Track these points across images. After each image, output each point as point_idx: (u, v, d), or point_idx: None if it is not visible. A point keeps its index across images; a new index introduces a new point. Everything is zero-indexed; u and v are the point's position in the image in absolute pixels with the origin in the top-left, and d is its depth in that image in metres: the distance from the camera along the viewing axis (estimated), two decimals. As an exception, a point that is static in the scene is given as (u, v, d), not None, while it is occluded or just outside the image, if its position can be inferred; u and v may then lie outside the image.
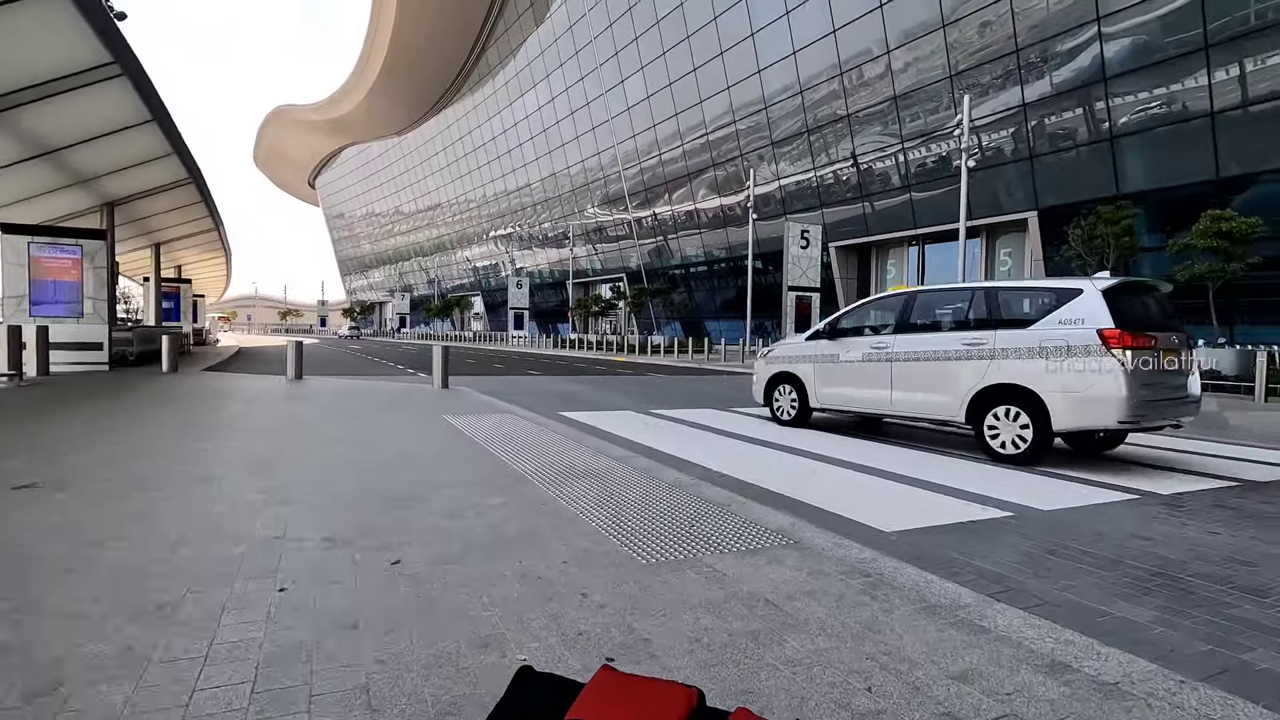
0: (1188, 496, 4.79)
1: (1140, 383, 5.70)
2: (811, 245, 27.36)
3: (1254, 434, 8.37)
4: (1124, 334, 5.70)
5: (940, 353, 6.77)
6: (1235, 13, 19.24)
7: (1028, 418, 6.04)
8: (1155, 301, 6.47)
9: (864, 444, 6.97)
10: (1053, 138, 24.64)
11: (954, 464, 6.02)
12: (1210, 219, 15.15)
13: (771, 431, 7.74)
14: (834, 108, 32.06)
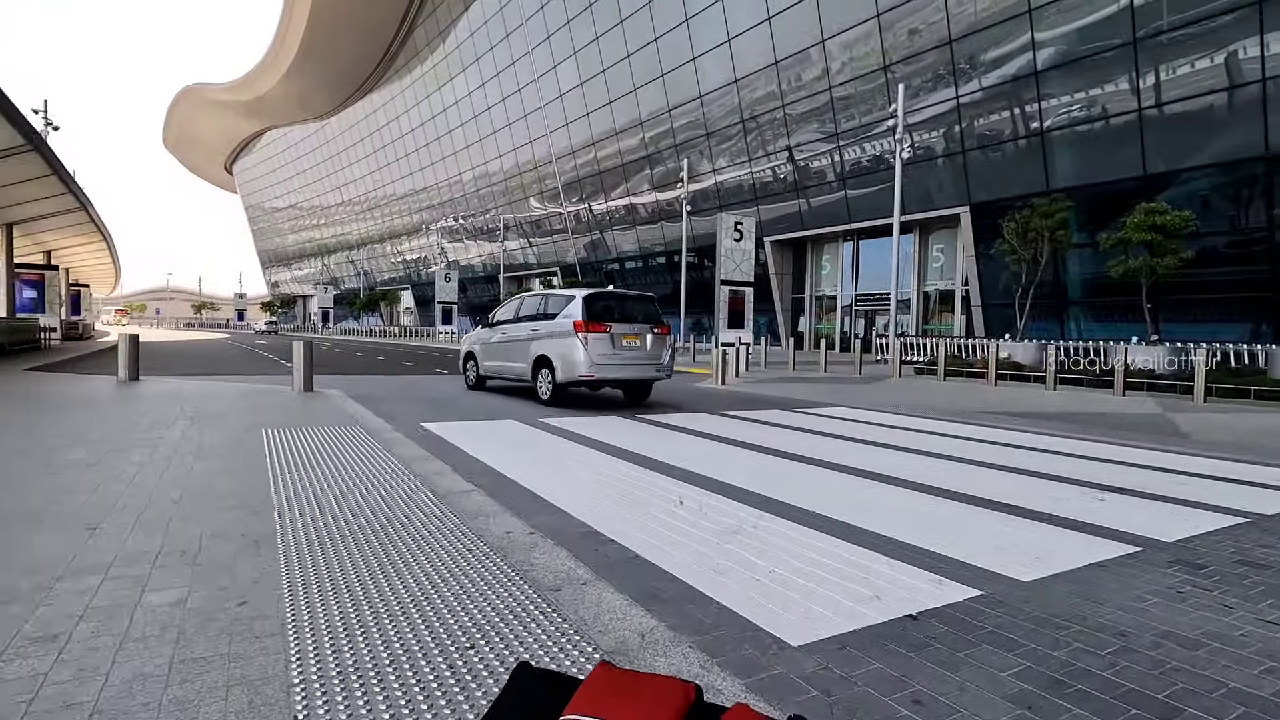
0: (1201, 543, 3.65)
1: (596, 353, 9.01)
2: (745, 238, 26.34)
3: (1221, 443, 7.51)
4: (584, 323, 9.02)
5: (523, 336, 10.16)
6: (1159, 19, 19.14)
7: (551, 375, 9.39)
8: (626, 303, 9.79)
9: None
10: (984, 135, 24.33)
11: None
12: (1144, 213, 14.73)
13: (687, 451, 6.38)
14: (770, 101, 31.22)
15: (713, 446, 6.46)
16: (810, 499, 4.36)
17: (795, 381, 15.27)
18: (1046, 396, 12.82)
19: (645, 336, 9.47)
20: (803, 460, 5.81)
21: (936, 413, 9.85)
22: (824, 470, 5.40)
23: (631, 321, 9.43)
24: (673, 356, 10.12)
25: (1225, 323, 19.81)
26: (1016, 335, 18.39)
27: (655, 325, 9.71)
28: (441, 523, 3.43)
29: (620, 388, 10.16)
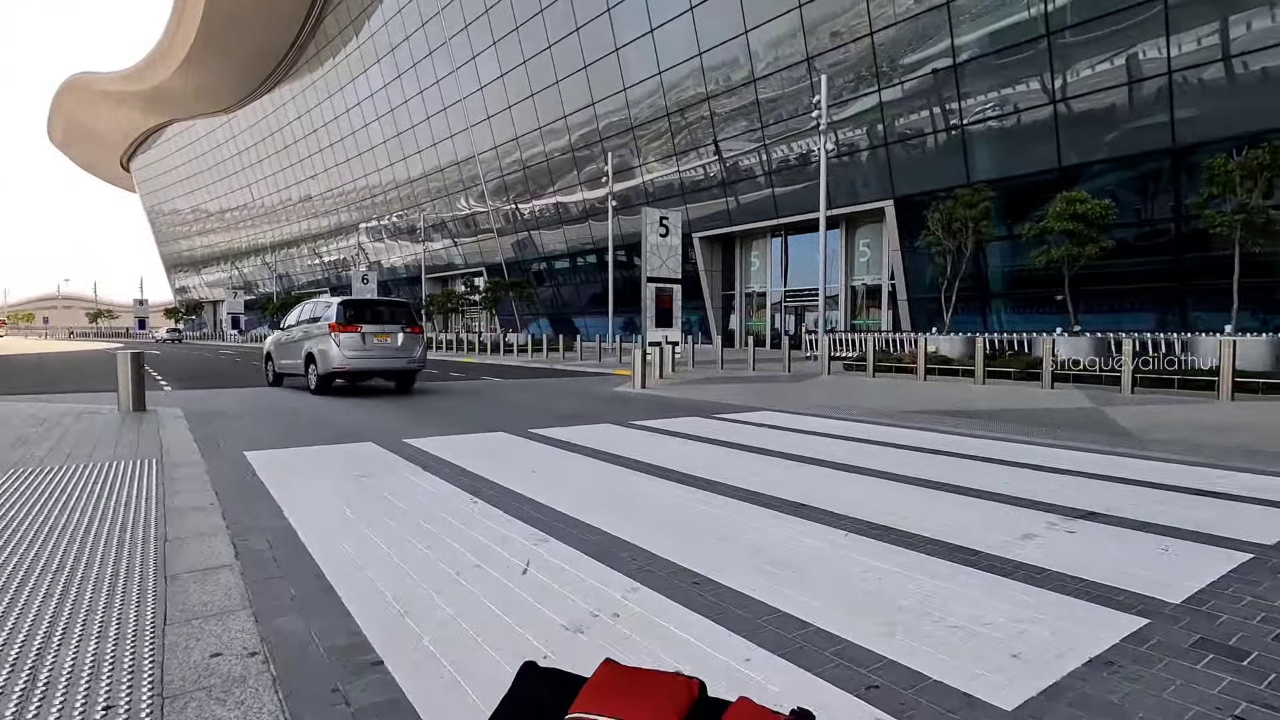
0: (1216, 601, 2.71)
1: (347, 350, 10.57)
2: (671, 234, 25.42)
3: (1169, 442, 6.87)
4: (338, 325, 10.59)
5: (298, 337, 11.73)
6: (1070, 19, 19.23)
7: (316, 369, 10.98)
8: (378, 307, 11.69)
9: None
10: (907, 130, 24.14)
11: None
12: (1065, 201, 14.49)
13: (569, 478, 5.21)
14: (695, 96, 30.43)
15: (603, 471, 5.31)
16: (710, 552, 3.26)
17: (721, 382, 14.36)
18: (976, 391, 12.29)
19: (397, 335, 11.21)
20: (710, 488, 4.72)
21: (866, 414, 9.03)
22: (736, 503, 4.33)
23: (383, 323, 11.12)
24: (424, 351, 11.87)
25: (1135, 312, 20.13)
26: (943, 328, 18.08)
27: (408, 326, 11.39)
28: (121, 633, 2.16)
29: (382, 378, 11.91)
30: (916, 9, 22.50)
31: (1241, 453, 6.12)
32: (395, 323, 11.25)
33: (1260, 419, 8.40)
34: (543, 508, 4.10)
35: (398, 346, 11.15)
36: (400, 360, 11.26)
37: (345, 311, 10.83)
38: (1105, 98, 19.30)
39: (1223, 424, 8.00)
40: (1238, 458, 5.90)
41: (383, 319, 11.16)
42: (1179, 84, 17.85)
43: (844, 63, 24.95)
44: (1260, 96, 16.53)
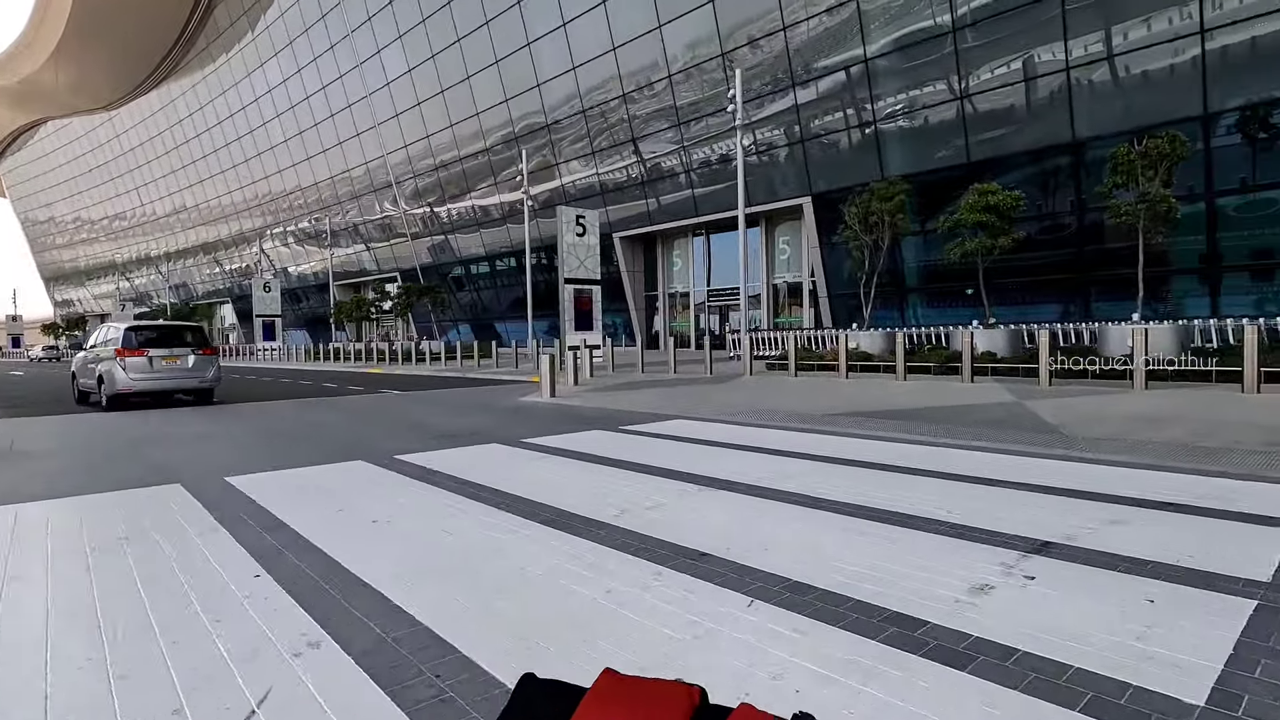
0: (1240, 686, 1.96)
1: (133, 372, 11.48)
2: (589, 233, 24.44)
3: (1100, 439, 6.39)
4: (123, 350, 11.50)
5: (93, 359, 12.54)
6: (973, 19, 19.46)
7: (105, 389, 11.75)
8: (166, 332, 12.54)
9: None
10: (823, 129, 23.98)
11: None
12: (978, 193, 14.37)
13: (421, 525, 4.12)
14: (612, 93, 29.57)
15: (461, 515, 4.26)
16: (577, 662, 2.28)
17: (638, 388, 13.47)
18: (898, 388, 11.86)
19: (188, 357, 12.05)
20: (592, 533, 3.76)
21: (787, 418, 8.31)
22: (619, 558, 3.37)
23: (173, 346, 11.99)
24: (219, 370, 12.64)
25: (1041, 304, 20.54)
26: (863, 324, 17.82)
27: (199, 348, 12.32)
28: None
29: (180, 395, 12.72)
30: (829, 19, 22.36)
31: (1184, 450, 5.65)
32: (186, 345, 12.16)
33: (1184, 408, 8.15)
34: (350, 583, 3.02)
35: (189, 368, 12.05)
36: (192, 380, 12.16)
37: (132, 337, 11.73)
38: (1009, 95, 19.57)
39: (1150, 415, 7.67)
40: (1181, 456, 5.41)
41: (173, 342, 12.05)
42: (1076, 82, 18.24)
43: (760, 64, 24.60)
44: (1150, 94, 17.05)
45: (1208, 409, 8.20)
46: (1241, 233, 17.15)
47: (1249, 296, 17.31)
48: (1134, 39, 17.18)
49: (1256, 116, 15.99)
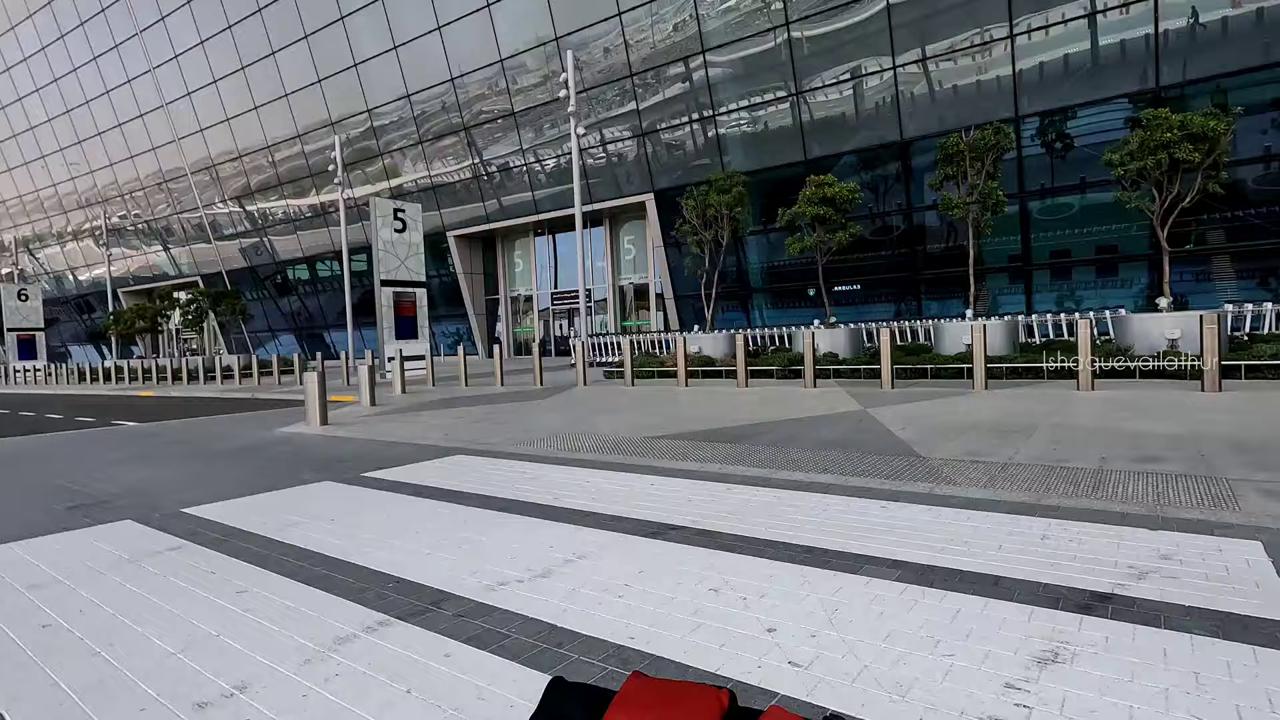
0: None
1: None
2: (411, 229, 21.65)
3: (960, 460, 5.17)
4: None
5: None
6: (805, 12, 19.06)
7: None
8: None
9: None
10: (665, 125, 22.82)
11: None
12: (815, 185, 13.58)
13: None
14: (439, 77, 26.79)
15: None
16: None
17: (444, 407, 11.24)
18: (738, 398, 10.58)
19: None
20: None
21: (599, 446, 6.56)
22: None
23: None
24: None
25: (879, 303, 20.65)
26: (706, 326, 16.69)
27: None
28: None
29: None
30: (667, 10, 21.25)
31: (1059, 476, 4.48)
32: None
33: (1031, 413, 7.34)
34: None
35: None
36: None
37: None
38: (841, 104, 19.39)
39: (1001, 424, 6.71)
40: (1060, 485, 4.21)
41: None
42: (904, 94, 18.29)
43: (598, 56, 23.05)
44: (967, 101, 17.39)
45: (1053, 412, 7.44)
46: (1046, 234, 17.91)
47: (1051, 294, 18.15)
48: (954, 49, 17.41)
49: (1055, 126, 16.68)
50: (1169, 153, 10.19)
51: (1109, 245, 17.36)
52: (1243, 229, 15.61)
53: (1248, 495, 3.85)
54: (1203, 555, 2.97)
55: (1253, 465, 4.58)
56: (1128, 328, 11.30)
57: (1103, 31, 15.83)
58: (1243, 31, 14.55)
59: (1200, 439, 5.55)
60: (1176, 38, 15.17)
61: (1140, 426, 6.26)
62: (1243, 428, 6.00)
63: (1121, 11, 15.34)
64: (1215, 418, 6.54)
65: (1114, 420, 6.68)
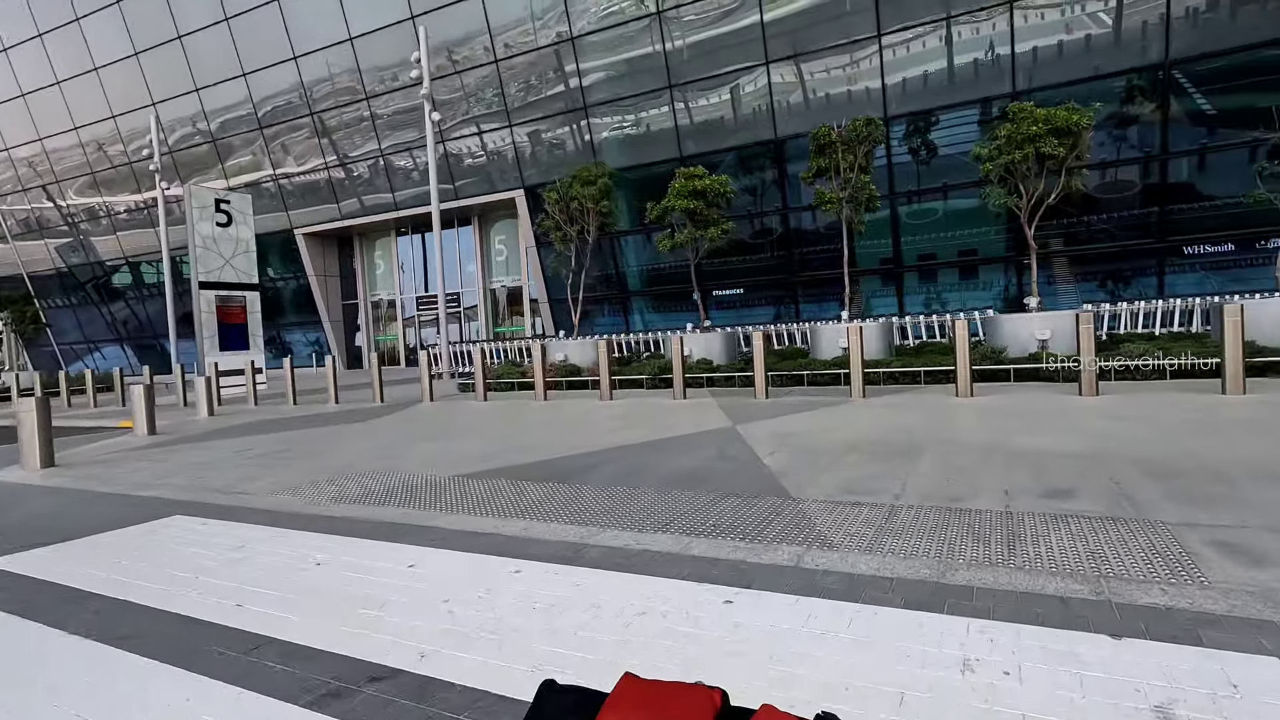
0: None
1: None
2: (238, 223, 18.75)
3: (845, 500, 3.97)
4: None
5: None
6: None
7: None
8: None
9: None
10: (536, 114, 21.20)
11: None
12: (685, 177, 12.50)
13: None
14: (279, 56, 23.77)
15: None
16: None
17: (247, 434, 9.08)
18: (598, 411, 9.21)
19: None
20: None
21: (387, 492, 4.94)
22: None
23: None
24: None
25: (758, 306, 20.08)
26: (573, 332, 15.26)
27: None
28: None
29: None
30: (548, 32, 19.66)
31: (966, 531, 3.36)
32: None
33: (916, 425, 6.42)
34: None
35: None
36: None
37: None
38: (721, 96, 18.59)
39: (883, 442, 5.69)
40: (966, 547, 3.06)
41: None
42: (779, 104, 17.74)
43: (461, 49, 21.06)
44: (838, 104, 17.07)
45: (937, 425, 6.57)
46: (915, 237, 17.91)
47: (920, 296, 18.20)
48: (826, 48, 17.00)
49: (921, 130, 16.65)
50: (1035, 147, 9.86)
51: (971, 249, 17.58)
52: (1087, 234, 16.14)
53: (1205, 555, 2.85)
54: (1213, 698, 1.82)
55: (1181, 499, 3.68)
56: (999, 328, 10.96)
57: (960, 48, 15.86)
58: (1076, 50, 14.95)
59: (1104, 459, 4.70)
60: (1031, 51, 15.40)
61: (1033, 442, 5.41)
62: (1139, 441, 5.27)
63: (978, 30, 15.44)
64: (1107, 428, 5.83)
65: (1003, 434, 5.84)
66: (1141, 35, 14.45)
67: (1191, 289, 14.87)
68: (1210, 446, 4.92)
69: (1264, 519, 3.26)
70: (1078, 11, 14.82)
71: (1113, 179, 15.71)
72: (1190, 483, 3.98)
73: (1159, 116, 14.55)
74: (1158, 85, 14.33)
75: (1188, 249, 15.31)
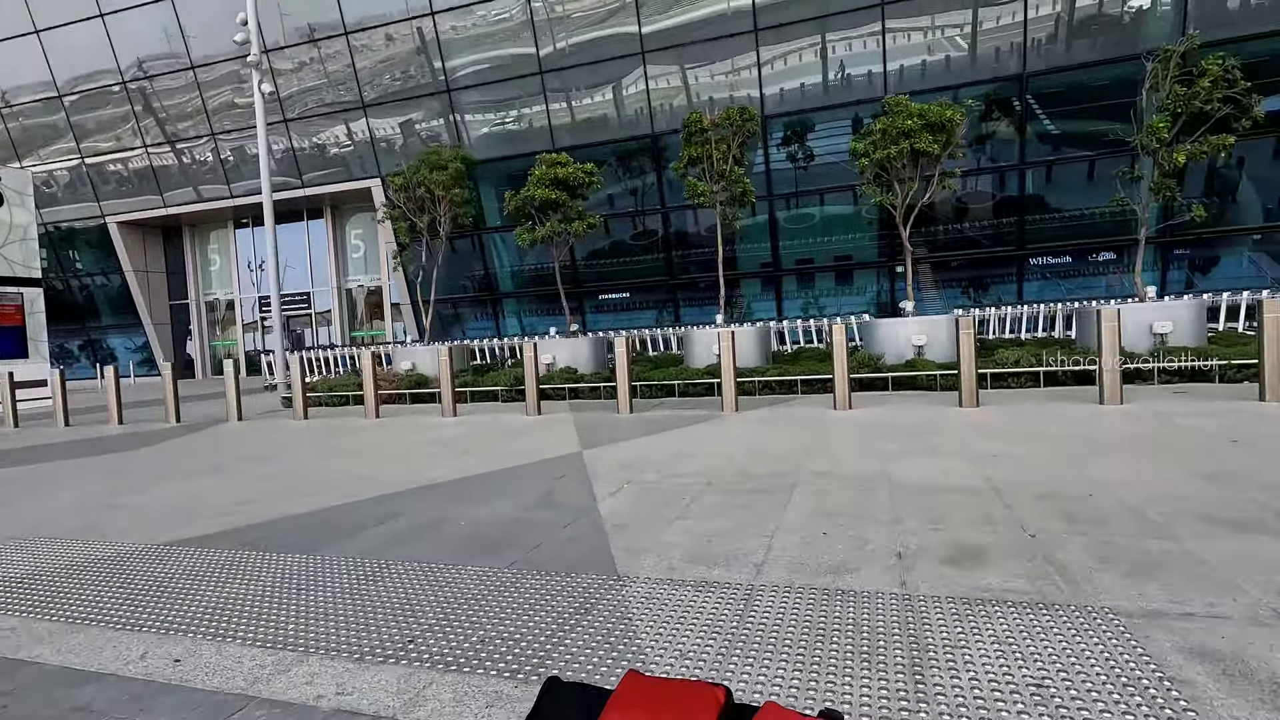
0: None
1: None
2: (13, 204, 15.47)
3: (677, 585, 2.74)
4: None
5: None
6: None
7: None
8: None
9: None
10: (394, 98, 19.12)
11: None
12: (547, 164, 11.18)
13: None
14: (88, 14, 20.17)
15: None
16: None
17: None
18: (430, 433, 7.69)
19: None
20: None
21: (28, 589, 3.27)
22: None
23: None
24: None
25: (641, 309, 19.10)
26: (424, 336, 13.53)
27: None
28: None
29: None
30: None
31: (850, 643, 2.25)
32: None
33: (789, 449, 5.43)
34: None
35: None
36: None
37: None
38: (595, 78, 17.41)
39: (749, 473, 4.62)
40: (857, 677, 1.92)
41: None
42: (657, 108, 16.81)
43: (300, 17, 18.61)
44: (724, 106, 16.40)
45: (813, 448, 5.63)
46: (794, 241, 17.56)
47: (799, 300, 17.91)
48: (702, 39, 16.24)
49: (799, 134, 16.30)
50: (910, 142, 9.37)
51: (847, 254, 17.45)
52: (955, 241, 16.35)
53: (1197, 682, 1.87)
54: None
55: (1117, 562, 2.78)
56: (875, 333, 10.43)
57: (834, 62, 15.61)
58: (939, 70, 15.08)
59: (1007, 496, 3.84)
60: (899, 68, 15.35)
61: (922, 472, 4.52)
62: (1038, 466, 4.50)
63: (850, 46, 15.26)
64: (999, 451, 5.07)
65: (887, 460, 4.94)
66: (995, 58, 14.72)
67: (1051, 295, 15.30)
68: (1116, 475, 4.20)
69: (1238, 600, 2.37)
70: (938, 35, 14.99)
71: (974, 189, 15.97)
72: (1116, 532, 3.12)
73: (1016, 131, 14.88)
74: (1015, 100, 14.62)
75: (1043, 258, 15.80)
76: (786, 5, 15.27)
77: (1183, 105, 8.80)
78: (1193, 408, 6.47)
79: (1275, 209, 14.40)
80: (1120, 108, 12.36)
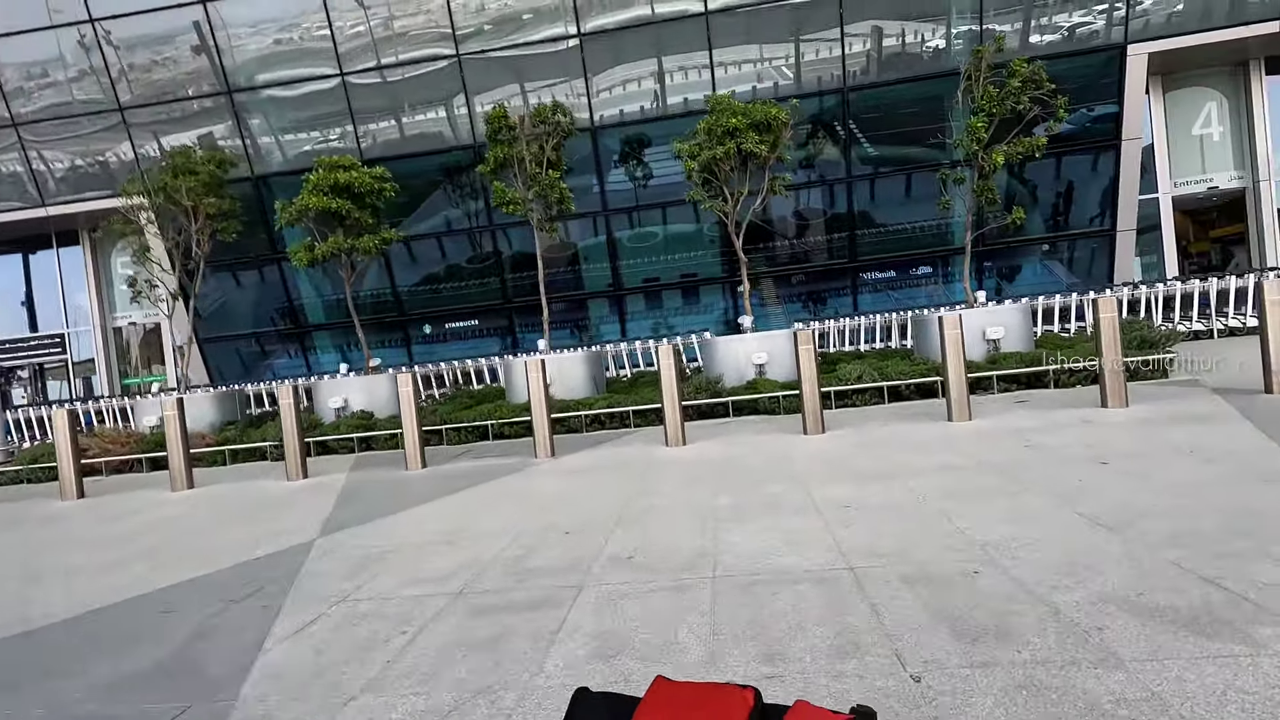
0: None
1: None
2: None
3: None
4: None
5: None
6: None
7: None
8: None
9: None
10: (161, 106, 16.01)
11: None
12: (327, 167, 9.26)
13: None
14: None
15: None
16: None
17: None
18: (134, 520, 5.58)
19: None
20: None
21: None
22: None
23: None
24: None
25: (484, 338, 17.31)
26: (180, 385, 10.97)
27: None
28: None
29: None
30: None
31: None
32: None
33: (603, 508, 4.08)
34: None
35: None
36: None
37: None
38: (405, 79, 15.54)
39: (525, 570, 3.19)
40: None
41: None
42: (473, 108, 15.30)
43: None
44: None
45: (631, 500, 4.32)
46: (637, 260, 16.69)
47: (647, 321, 17.04)
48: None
49: (632, 143, 15.48)
50: (737, 142, 8.58)
51: (691, 271, 16.83)
52: (789, 255, 16.23)
53: None
54: None
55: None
56: (715, 353, 9.50)
57: (667, 74, 15.00)
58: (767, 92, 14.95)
59: (867, 582, 2.70)
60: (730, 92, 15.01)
61: (757, 546, 3.33)
62: (903, 520, 3.48)
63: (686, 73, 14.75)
64: (851, 497, 4.03)
65: (716, 527, 3.72)
66: (817, 83, 14.74)
67: (884, 305, 15.42)
68: (994, 529, 3.24)
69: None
70: (766, 65, 14.80)
71: (808, 203, 15.91)
72: (1032, 654, 2.02)
73: (841, 150, 14.95)
74: (837, 122, 14.66)
75: (878, 271, 15.98)
76: (619, 31, 14.39)
77: (997, 106, 8.73)
78: (1043, 420, 5.93)
79: (1064, 219, 15.47)
80: (940, 119, 12.54)
